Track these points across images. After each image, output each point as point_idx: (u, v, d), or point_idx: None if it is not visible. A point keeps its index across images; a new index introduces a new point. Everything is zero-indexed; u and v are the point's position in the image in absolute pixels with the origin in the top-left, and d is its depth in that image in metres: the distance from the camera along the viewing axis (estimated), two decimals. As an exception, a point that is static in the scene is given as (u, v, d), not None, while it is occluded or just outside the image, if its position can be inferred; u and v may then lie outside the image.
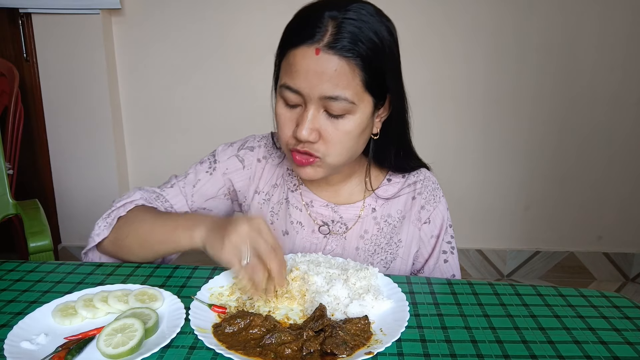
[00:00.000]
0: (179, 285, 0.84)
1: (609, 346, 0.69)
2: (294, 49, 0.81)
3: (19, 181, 1.89)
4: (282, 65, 0.84)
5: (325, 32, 0.78)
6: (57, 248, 2.50)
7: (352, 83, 0.80)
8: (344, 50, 0.78)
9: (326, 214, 1.01)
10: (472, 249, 2.54)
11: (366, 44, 0.79)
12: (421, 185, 1.02)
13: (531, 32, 2.25)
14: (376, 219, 1.00)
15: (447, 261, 1.03)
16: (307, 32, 0.79)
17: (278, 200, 1.03)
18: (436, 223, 1.02)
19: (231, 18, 2.29)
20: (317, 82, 0.79)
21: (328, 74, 0.79)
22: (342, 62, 0.78)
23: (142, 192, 1.00)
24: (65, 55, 2.29)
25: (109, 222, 0.94)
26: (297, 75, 0.80)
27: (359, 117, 0.84)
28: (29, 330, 0.70)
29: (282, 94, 0.84)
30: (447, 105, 2.36)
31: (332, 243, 1.01)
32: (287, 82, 0.82)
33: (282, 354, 0.65)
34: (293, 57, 0.81)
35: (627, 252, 2.50)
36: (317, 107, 0.82)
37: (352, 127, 0.84)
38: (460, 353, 0.67)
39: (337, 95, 0.80)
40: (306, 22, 0.81)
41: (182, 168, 1.06)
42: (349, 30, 0.78)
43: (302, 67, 0.80)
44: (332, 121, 0.83)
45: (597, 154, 2.39)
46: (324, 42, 0.78)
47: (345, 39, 0.78)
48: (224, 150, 1.06)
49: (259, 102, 2.37)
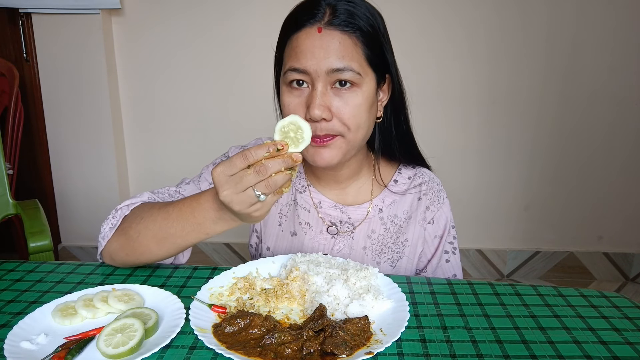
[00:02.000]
0: (179, 285, 0.84)
1: (609, 346, 0.69)
2: (297, 33, 0.85)
3: (19, 181, 1.89)
4: (286, 51, 0.87)
5: (324, 13, 0.84)
6: (57, 248, 2.50)
7: (355, 55, 0.84)
8: (344, 25, 0.83)
9: (334, 215, 1.02)
10: (472, 249, 2.54)
11: (363, 19, 0.85)
12: (426, 187, 1.04)
13: (532, 33, 2.25)
14: (383, 219, 1.02)
15: (448, 261, 1.04)
16: (307, 15, 0.84)
17: (286, 202, 1.04)
18: (440, 224, 1.03)
19: (231, 18, 2.29)
20: (323, 56, 0.82)
21: (333, 48, 0.82)
22: (344, 36, 0.83)
23: (149, 194, 0.97)
24: (65, 55, 2.29)
25: (114, 222, 0.90)
26: (303, 55, 0.83)
27: (366, 91, 0.86)
28: (29, 330, 0.70)
29: (289, 79, 0.85)
30: (447, 105, 2.36)
31: (339, 243, 1.02)
32: (294, 65, 0.84)
33: (282, 354, 0.65)
34: (296, 40, 0.84)
35: (627, 252, 2.50)
36: (325, 84, 0.84)
37: (361, 100, 0.86)
38: (460, 353, 0.67)
39: (344, 66, 0.83)
40: (305, 8, 0.86)
41: (182, 167, 1.07)
42: (346, 9, 0.84)
43: (307, 46, 0.83)
44: (342, 97, 0.84)
45: (597, 154, 2.39)
46: (324, 20, 0.83)
47: (343, 15, 0.83)
48: (236, 151, 1.06)
49: (258, 102, 2.39)
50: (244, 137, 1.14)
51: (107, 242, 0.89)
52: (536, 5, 2.22)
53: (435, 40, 2.28)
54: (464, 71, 2.31)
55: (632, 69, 2.26)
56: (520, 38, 2.26)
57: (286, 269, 0.86)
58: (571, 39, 2.25)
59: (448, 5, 2.23)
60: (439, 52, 2.29)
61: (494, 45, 2.28)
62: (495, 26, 2.25)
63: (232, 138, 1.11)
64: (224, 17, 2.30)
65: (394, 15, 0.91)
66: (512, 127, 2.38)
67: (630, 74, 2.27)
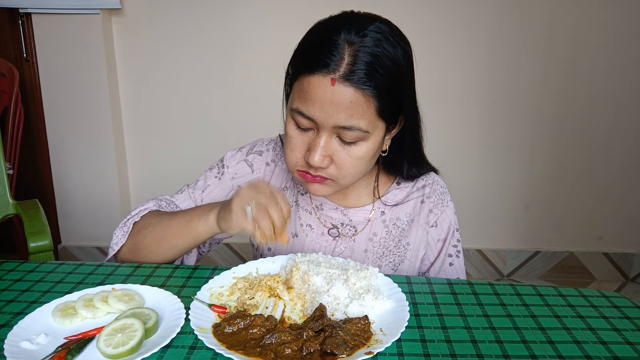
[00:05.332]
0: (179, 285, 0.84)
1: (609, 346, 0.69)
2: (309, 76, 0.79)
3: (19, 181, 1.89)
4: (295, 88, 0.82)
5: (341, 61, 0.76)
6: (57, 248, 2.50)
7: (366, 113, 0.79)
8: (360, 83, 0.77)
9: (336, 217, 1.01)
10: (472, 249, 2.54)
11: (383, 74, 0.78)
12: (430, 189, 1.03)
13: (532, 33, 2.25)
14: (385, 222, 1.01)
15: (452, 264, 1.04)
16: (323, 60, 0.77)
17: None
18: (443, 227, 1.03)
19: (231, 18, 2.29)
20: (331, 112, 0.78)
21: (343, 105, 0.78)
22: (358, 94, 0.77)
23: (155, 200, 1.02)
24: (65, 55, 2.29)
25: (125, 230, 0.96)
26: (312, 104, 0.79)
27: (372, 143, 0.84)
28: (29, 330, 0.70)
29: (295, 118, 0.83)
30: (446, 105, 2.36)
31: (341, 245, 1.01)
32: (301, 108, 0.81)
33: (282, 354, 0.65)
34: (307, 84, 0.79)
35: (627, 252, 2.50)
36: (330, 134, 0.82)
37: (364, 153, 0.84)
38: (460, 353, 0.67)
39: (351, 125, 0.79)
40: (322, 47, 0.78)
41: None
42: (366, 61, 0.76)
43: (316, 96, 0.78)
44: (345, 147, 0.83)
45: (597, 154, 2.39)
46: (340, 72, 0.76)
47: (361, 71, 0.76)
48: (233, 155, 1.06)
49: (259, 103, 2.39)
50: (244, 137, 1.14)
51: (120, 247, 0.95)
52: (536, 5, 2.21)
53: (435, 40, 2.28)
54: (464, 71, 2.31)
55: (632, 69, 2.26)
56: (520, 38, 2.26)
57: (286, 269, 0.86)
58: (571, 39, 2.25)
59: (448, 5, 2.23)
60: (439, 52, 2.29)
61: (494, 45, 2.28)
62: (495, 26, 2.25)
63: (233, 138, 1.12)
64: (224, 17, 2.29)
65: (394, 15, 0.90)
66: (512, 127, 2.38)
67: (630, 74, 2.27)
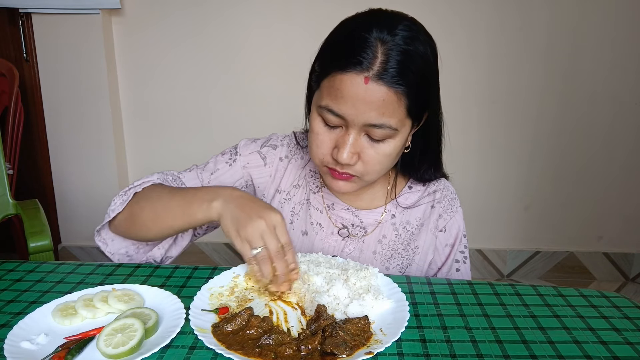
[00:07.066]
0: (179, 285, 0.84)
1: (609, 346, 0.69)
2: (341, 74, 0.78)
3: (19, 181, 1.89)
4: (325, 84, 0.82)
5: (374, 59, 0.77)
6: (57, 248, 2.49)
7: (397, 111, 0.80)
8: (393, 82, 0.77)
9: (347, 217, 1.01)
10: (472, 249, 2.54)
11: (414, 72, 0.79)
12: (440, 195, 1.04)
13: (532, 32, 2.25)
14: (395, 225, 1.01)
15: (459, 270, 1.04)
16: (355, 58, 0.77)
17: (299, 201, 1.04)
18: (452, 232, 1.03)
19: (232, 17, 2.29)
20: (363, 110, 0.79)
21: (375, 103, 0.78)
22: (390, 92, 0.78)
23: (160, 174, 0.99)
24: (65, 55, 2.29)
25: (125, 199, 0.93)
26: (344, 102, 0.79)
27: (399, 141, 0.85)
28: (29, 330, 0.70)
29: (323, 115, 0.83)
30: (446, 105, 2.34)
31: (350, 246, 1.01)
32: (331, 106, 0.81)
33: (282, 354, 0.65)
34: (340, 82, 0.79)
35: (627, 252, 2.50)
36: (359, 131, 0.82)
37: (392, 150, 0.85)
38: (460, 353, 0.67)
39: (382, 123, 0.80)
40: (354, 44, 0.78)
41: (183, 167, 1.06)
42: (398, 59, 0.77)
43: (349, 94, 0.78)
44: (372, 145, 0.83)
45: (598, 154, 2.39)
46: (373, 71, 0.77)
47: (394, 69, 0.77)
48: (247, 144, 1.05)
49: (260, 101, 2.39)
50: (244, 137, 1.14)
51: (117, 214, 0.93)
52: (536, 5, 2.21)
53: (435, 40, 2.27)
54: (464, 71, 2.31)
55: (632, 69, 2.26)
56: (520, 38, 2.26)
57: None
58: (571, 38, 2.25)
59: (448, 5, 2.23)
60: (439, 52, 2.28)
61: (494, 45, 2.28)
62: (495, 26, 2.25)
63: (233, 137, 1.11)
64: (224, 16, 2.29)
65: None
66: (512, 127, 2.38)
67: (630, 74, 2.27)
